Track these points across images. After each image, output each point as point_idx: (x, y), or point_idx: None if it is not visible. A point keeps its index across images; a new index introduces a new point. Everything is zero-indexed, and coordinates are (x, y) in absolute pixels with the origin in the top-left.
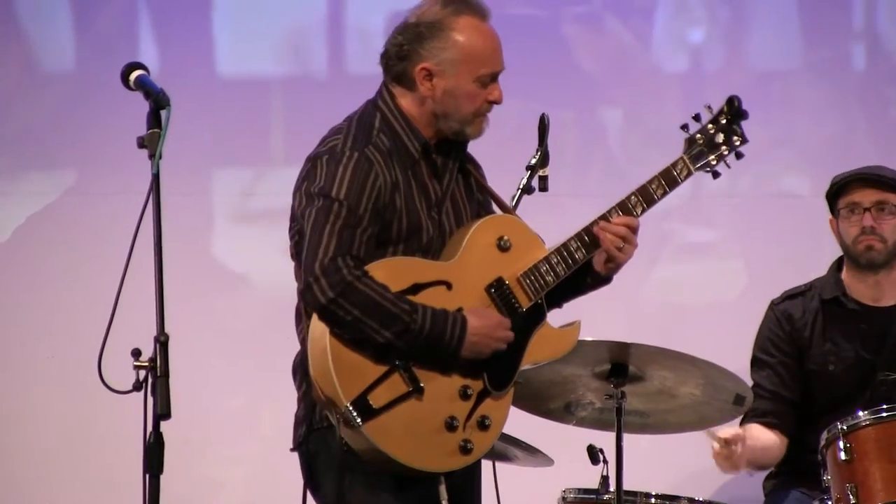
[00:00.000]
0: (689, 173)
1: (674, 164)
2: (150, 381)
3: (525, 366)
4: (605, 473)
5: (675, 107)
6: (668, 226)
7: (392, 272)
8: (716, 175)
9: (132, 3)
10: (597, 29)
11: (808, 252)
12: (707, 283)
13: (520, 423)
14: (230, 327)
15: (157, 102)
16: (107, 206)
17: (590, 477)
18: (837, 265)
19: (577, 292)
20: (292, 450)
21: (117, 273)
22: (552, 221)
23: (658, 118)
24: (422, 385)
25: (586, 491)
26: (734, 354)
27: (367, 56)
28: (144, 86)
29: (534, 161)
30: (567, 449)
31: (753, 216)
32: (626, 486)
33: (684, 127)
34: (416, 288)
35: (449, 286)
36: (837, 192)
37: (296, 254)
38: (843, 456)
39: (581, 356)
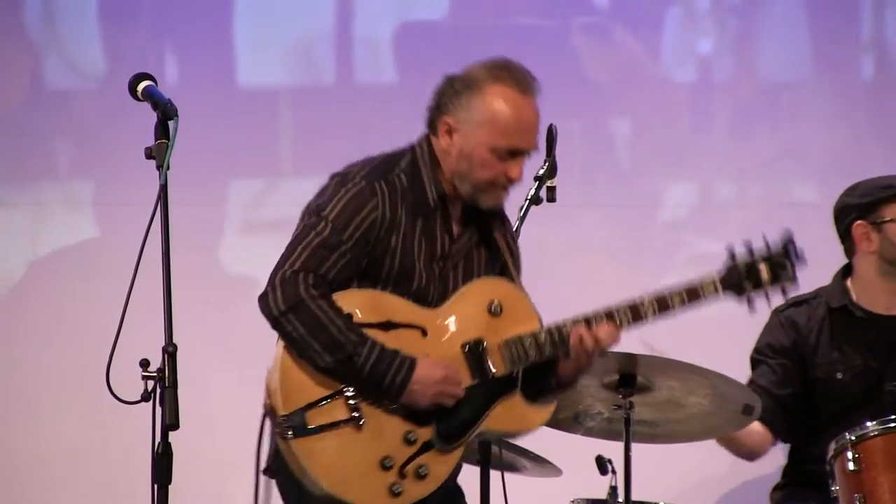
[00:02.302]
0: (717, 294)
1: (701, 282)
2: (158, 391)
3: (480, 429)
4: (613, 483)
5: (684, 117)
6: (677, 236)
7: (370, 302)
8: (752, 306)
9: (139, 14)
10: (605, 39)
11: (816, 261)
12: None
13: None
14: (238, 338)
15: (165, 113)
16: (115, 216)
17: (598, 487)
18: (842, 273)
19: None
20: (264, 471)
21: (125, 283)
22: (560, 232)
23: (666, 129)
24: (362, 417)
25: (595, 501)
26: (742, 364)
27: (375, 66)
28: (152, 96)
29: (542, 171)
30: (575, 459)
31: (762, 226)
32: (635, 496)
33: (731, 252)
34: (389, 325)
35: (424, 333)
36: (886, 200)
37: None
38: (851, 466)
39: None
